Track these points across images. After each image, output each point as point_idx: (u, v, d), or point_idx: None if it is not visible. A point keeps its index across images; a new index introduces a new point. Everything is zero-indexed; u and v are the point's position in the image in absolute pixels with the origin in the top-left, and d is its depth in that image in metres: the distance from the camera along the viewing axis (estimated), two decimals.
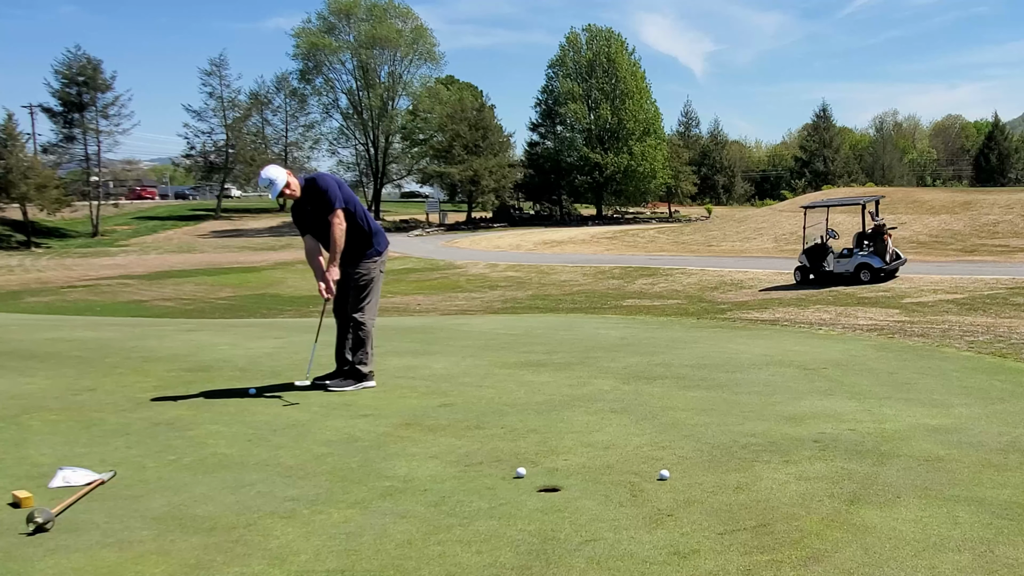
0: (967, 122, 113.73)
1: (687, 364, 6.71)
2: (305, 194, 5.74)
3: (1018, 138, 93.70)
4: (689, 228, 53.59)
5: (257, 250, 51.78)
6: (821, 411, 4.95)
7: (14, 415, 5.07)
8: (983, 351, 8.48)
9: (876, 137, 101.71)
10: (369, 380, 5.86)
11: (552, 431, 4.57)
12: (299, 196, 5.74)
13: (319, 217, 5.71)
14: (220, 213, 74.31)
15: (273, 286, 31.94)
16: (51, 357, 7.41)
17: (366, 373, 5.85)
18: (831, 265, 20.61)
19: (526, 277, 29.49)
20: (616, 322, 11.46)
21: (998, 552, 2.84)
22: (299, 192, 5.73)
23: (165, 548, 3.02)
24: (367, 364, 5.84)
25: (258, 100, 75.93)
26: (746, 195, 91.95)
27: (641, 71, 74.72)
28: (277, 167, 5.77)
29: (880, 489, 3.51)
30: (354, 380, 5.82)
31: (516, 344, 8.15)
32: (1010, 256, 26.93)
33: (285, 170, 5.74)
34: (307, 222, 5.84)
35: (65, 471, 3.83)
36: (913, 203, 40.44)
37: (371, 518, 3.29)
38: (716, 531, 3.07)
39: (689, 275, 26.11)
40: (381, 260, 5.96)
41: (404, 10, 75.83)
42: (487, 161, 68.48)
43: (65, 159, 64.90)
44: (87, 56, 62.93)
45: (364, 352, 5.82)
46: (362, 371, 5.83)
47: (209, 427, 4.77)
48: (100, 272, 40.14)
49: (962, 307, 14.96)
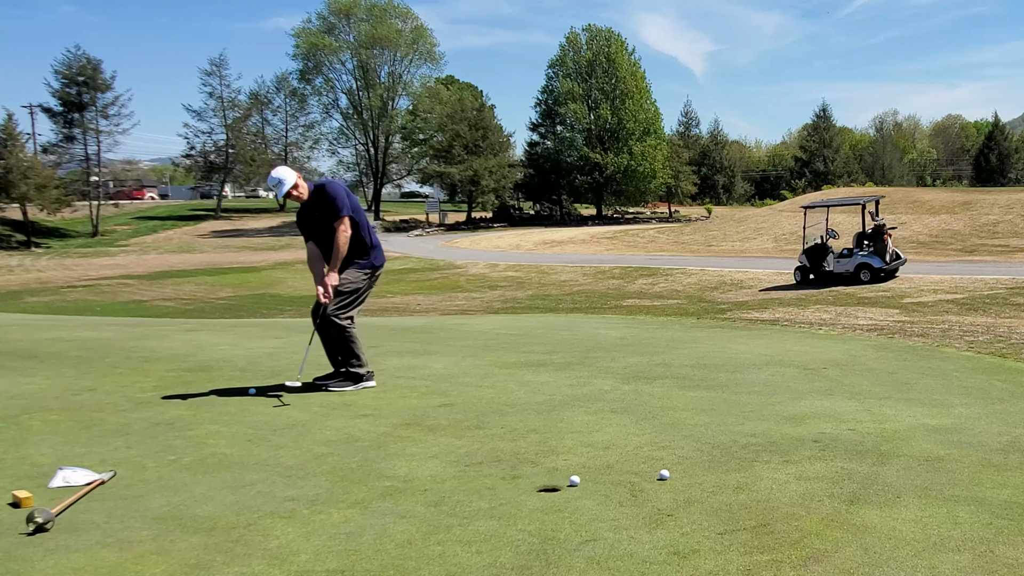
0: (967, 122, 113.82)
1: (687, 364, 6.70)
2: (313, 199, 5.77)
3: (1018, 138, 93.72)
4: (689, 228, 53.60)
5: (257, 250, 51.79)
6: (821, 411, 4.95)
7: (14, 415, 5.07)
8: (983, 351, 8.48)
9: (876, 137, 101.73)
10: (368, 380, 5.85)
11: (552, 431, 4.57)
12: (306, 200, 5.77)
13: (324, 223, 5.72)
14: (220, 213, 74.33)
15: (273, 286, 31.94)
16: (51, 357, 7.41)
17: (363, 374, 5.84)
18: (831, 265, 20.61)
19: (526, 277, 29.49)
20: (616, 322, 11.46)
21: (998, 552, 2.84)
22: (306, 195, 5.76)
23: (165, 548, 3.02)
24: (362, 366, 5.83)
25: (258, 100, 76.01)
26: (746, 195, 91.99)
27: (641, 71, 74.82)
28: (288, 169, 5.82)
29: (880, 489, 3.51)
30: (352, 382, 5.81)
31: (516, 344, 8.15)
32: (1010, 256, 26.93)
33: (296, 174, 5.79)
34: (311, 228, 5.84)
35: (65, 471, 3.83)
36: (913, 203, 40.45)
37: (371, 518, 3.29)
38: (716, 531, 3.07)
39: (689, 275, 26.11)
40: (374, 275, 5.93)
41: (404, 10, 76.00)
42: (487, 161, 68.50)
43: (65, 159, 64.93)
44: (87, 56, 63.07)
45: (355, 356, 5.80)
46: (359, 373, 5.82)
47: (209, 427, 4.76)
48: (100, 272, 40.14)
49: (962, 307, 14.96)
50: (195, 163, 75.72)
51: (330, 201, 5.68)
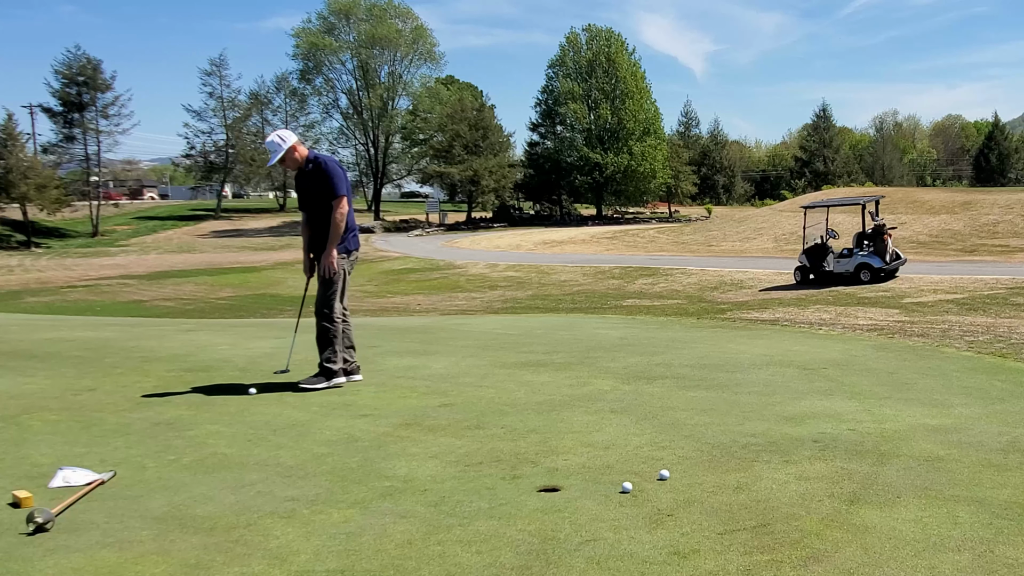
0: (967, 122, 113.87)
1: (687, 364, 6.70)
2: (310, 171, 5.81)
3: (1018, 138, 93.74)
4: (689, 228, 53.59)
5: (257, 250, 51.78)
6: (821, 411, 4.95)
7: (14, 415, 5.07)
8: (983, 351, 8.48)
9: (876, 137, 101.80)
10: (338, 377, 5.84)
11: (552, 431, 4.57)
12: (303, 168, 5.81)
13: (318, 199, 5.77)
14: (220, 213, 74.33)
15: (273, 286, 31.93)
16: (51, 357, 7.41)
17: (335, 371, 5.83)
18: (831, 265, 20.61)
19: (526, 277, 29.48)
20: (616, 322, 11.45)
21: (998, 552, 2.84)
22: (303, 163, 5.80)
23: (165, 548, 3.02)
24: (335, 362, 5.83)
25: (258, 100, 76.04)
26: (746, 195, 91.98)
27: (641, 71, 74.77)
28: (289, 133, 5.85)
29: (880, 489, 3.51)
30: (324, 378, 5.80)
31: (516, 344, 8.14)
32: (1010, 256, 26.93)
33: (295, 138, 5.82)
34: (303, 199, 5.91)
35: (65, 471, 3.83)
36: (913, 203, 40.44)
37: (371, 518, 3.29)
38: (716, 531, 3.07)
39: (689, 275, 26.11)
40: (349, 259, 5.94)
41: (404, 10, 75.97)
42: (487, 161, 68.48)
43: (65, 159, 64.95)
44: (87, 56, 63.08)
45: (332, 350, 5.81)
46: (331, 368, 5.81)
47: (209, 427, 4.76)
48: (100, 272, 40.13)
49: (962, 307, 14.96)
50: (195, 163, 75.74)
51: (327, 178, 5.73)
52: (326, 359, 5.81)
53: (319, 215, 5.80)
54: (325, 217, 5.75)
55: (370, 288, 28.74)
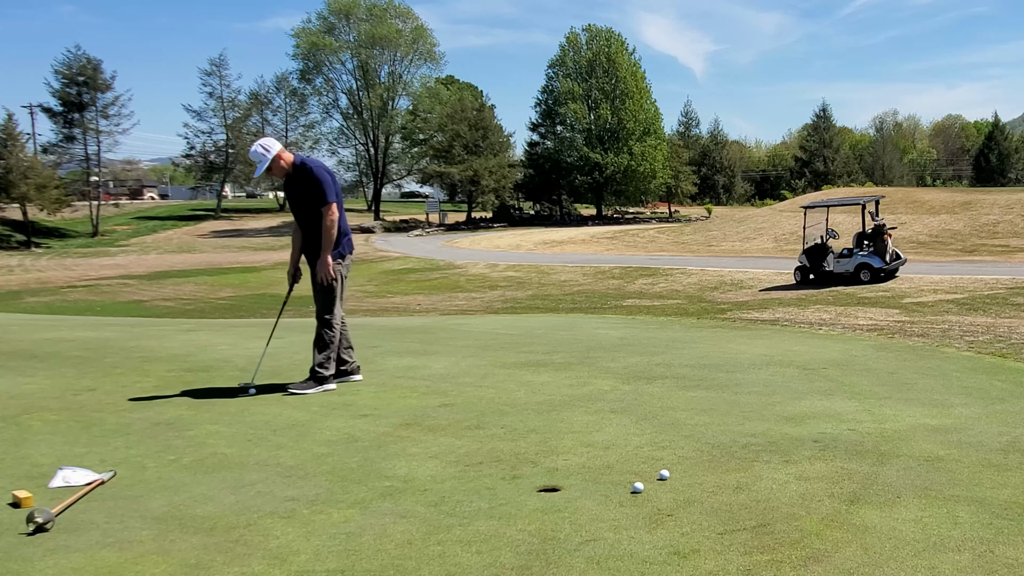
0: (967, 122, 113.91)
1: (687, 364, 6.70)
2: (296, 175, 5.75)
3: (1018, 138, 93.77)
4: (689, 228, 53.59)
5: (257, 250, 51.78)
6: (821, 411, 4.95)
7: (14, 415, 5.07)
8: (983, 351, 8.48)
9: (876, 137, 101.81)
10: (329, 383, 5.81)
11: (552, 431, 4.57)
12: (290, 173, 5.74)
13: (307, 204, 5.74)
14: (220, 213, 74.33)
15: (273, 286, 31.90)
16: (51, 357, 7.41)
17: (327, 376, 5.80)
18: (831, 265, 20.61)
19: (526, 277, 29.48)
20: (616, 322, 11.45)
21: (998, 552, 2.84)
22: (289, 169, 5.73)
23: (165, 548, 3.02)
24: (328, 368, 5.80)
25: (258, 100, 76.03)
26: (746, 195, 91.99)
27: (641, 71, 74.77)
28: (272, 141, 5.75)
29: (880, 489, 3.51)
30: (315, 383, 5.77)
31: (516, 344, 8.14)
32: (1010, 256, 26.93)
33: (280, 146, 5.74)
34: (294, 205, 5.88)
35: (65, 471, 3.84)
36: (913, 203, 40.44)
37: (371, 518, 3.29)
38: (716, 531, 3.07)
39: (689, 275, 26.11)
40: (344, 264, 5.92)
41: (404, 10, 75.96)
42: (487, 161, 68.48)
43: (65, 159, 64.95)
44: (87, 56, 63.07)
45: (327, 357, 5.79)
46: (323, 374, 5.78)
47: (209, 427, 4.76)
48: (100, 272, 40.13)
49: (962, 307, 14.96)
50: (195, 163, 75.74)
51: (316, 183, 5.68)
52: (319, 364, 5.78)
53: (310, 221, 5.77)
54: (316, 222, 5.72)
55: (370, 288, 28.74)
